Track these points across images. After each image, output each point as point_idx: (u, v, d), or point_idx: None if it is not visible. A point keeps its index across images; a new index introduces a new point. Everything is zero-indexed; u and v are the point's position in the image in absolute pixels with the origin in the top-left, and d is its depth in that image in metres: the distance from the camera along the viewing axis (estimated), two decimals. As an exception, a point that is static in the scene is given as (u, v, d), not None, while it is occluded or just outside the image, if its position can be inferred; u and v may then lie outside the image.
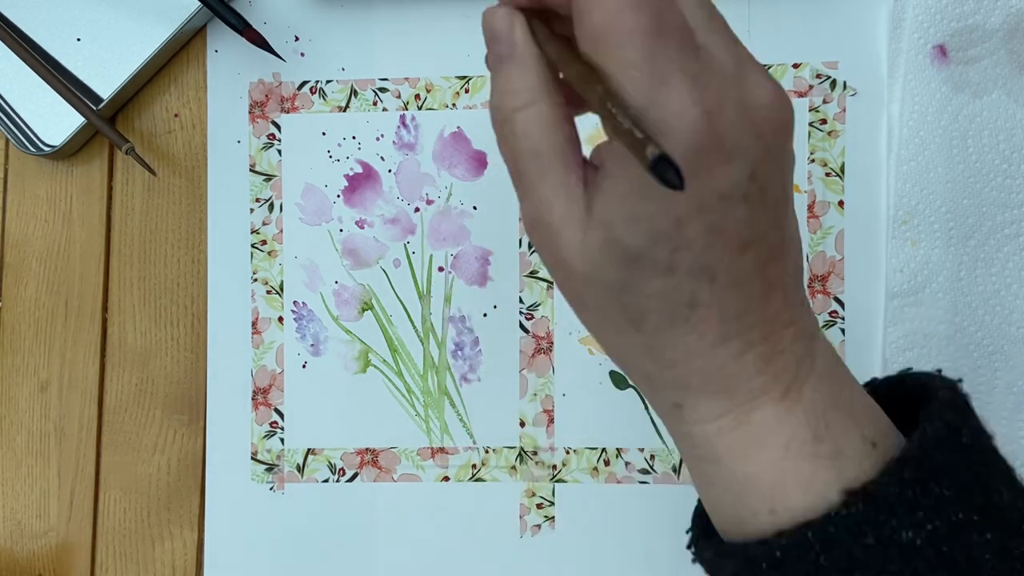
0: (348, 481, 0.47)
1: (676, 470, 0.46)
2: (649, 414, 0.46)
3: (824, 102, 0.46)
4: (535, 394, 0.47)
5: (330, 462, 0.47)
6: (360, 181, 0.48)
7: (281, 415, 0.48)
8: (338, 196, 0.48)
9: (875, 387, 0.30)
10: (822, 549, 0.24)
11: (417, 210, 0.48)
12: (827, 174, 0.46)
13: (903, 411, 0.28)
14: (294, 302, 0.48)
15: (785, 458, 0.25)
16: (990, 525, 0.24)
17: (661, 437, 0.46)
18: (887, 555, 0.24)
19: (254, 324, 0.48)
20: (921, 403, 0.27)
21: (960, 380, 0.29)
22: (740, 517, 0.26)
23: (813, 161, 0.46)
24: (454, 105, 0.47)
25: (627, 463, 0.46)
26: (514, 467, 0.47)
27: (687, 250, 0.24)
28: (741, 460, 0.26)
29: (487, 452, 0.47)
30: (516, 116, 0.26)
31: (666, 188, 0.21)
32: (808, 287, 0.46)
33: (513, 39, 0.26)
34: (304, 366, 0.48)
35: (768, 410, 0.26)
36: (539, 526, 0.46)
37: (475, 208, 0.47)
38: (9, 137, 0.48)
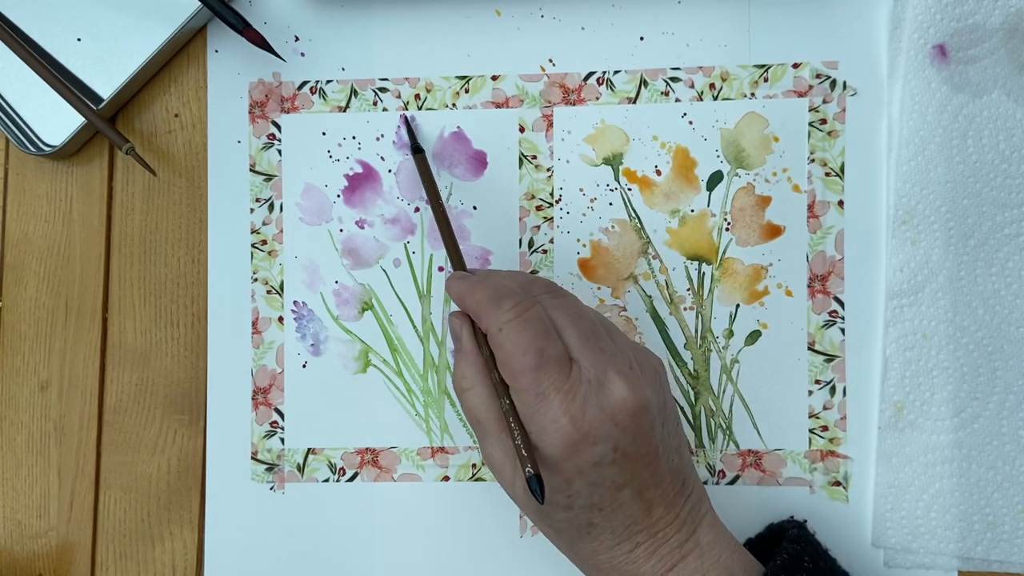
0: (348, 481, 0.47)
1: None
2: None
3: (824, 102, 0.46)
4: (535, 394, 0.47)
5: (330, 462, 0.47)
6: (360, 181, 0.48)
7: (281, 415, 0.48)
8: (338, 196, 0.48)
9: (751, 540, 0.43)
10: None
11: (417, 210, 0.48)
12: (827, 174, 0.46)
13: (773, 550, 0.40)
14: (294, 302, 0.48)
15: None
16: None
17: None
18: None
19: (254, 324, 0.48)
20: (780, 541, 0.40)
21: (805, 520, 0.43)
22: None
23: (813, 161, 0.46)
24: (454, 105, 0.47)
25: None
26: (514, 467, 0.47)
27: (577, 496, 0.35)
28: None
29: (487, 452, 0.47)
30: (464, 394, 0.38)
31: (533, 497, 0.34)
32: (808, 287, 0.46)
33: (462, 339, 0.38)
34: (304, 366, 0.48)
35: None
36: (539, 526, 0.46)
37: (475, 208, 0.47)
38: (9, 137, 0.48)
